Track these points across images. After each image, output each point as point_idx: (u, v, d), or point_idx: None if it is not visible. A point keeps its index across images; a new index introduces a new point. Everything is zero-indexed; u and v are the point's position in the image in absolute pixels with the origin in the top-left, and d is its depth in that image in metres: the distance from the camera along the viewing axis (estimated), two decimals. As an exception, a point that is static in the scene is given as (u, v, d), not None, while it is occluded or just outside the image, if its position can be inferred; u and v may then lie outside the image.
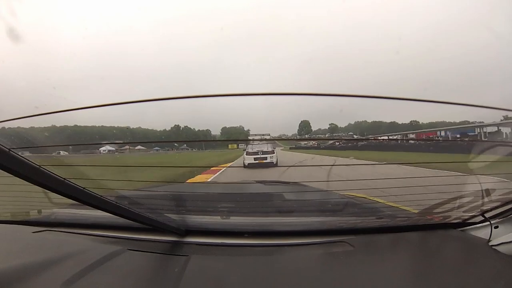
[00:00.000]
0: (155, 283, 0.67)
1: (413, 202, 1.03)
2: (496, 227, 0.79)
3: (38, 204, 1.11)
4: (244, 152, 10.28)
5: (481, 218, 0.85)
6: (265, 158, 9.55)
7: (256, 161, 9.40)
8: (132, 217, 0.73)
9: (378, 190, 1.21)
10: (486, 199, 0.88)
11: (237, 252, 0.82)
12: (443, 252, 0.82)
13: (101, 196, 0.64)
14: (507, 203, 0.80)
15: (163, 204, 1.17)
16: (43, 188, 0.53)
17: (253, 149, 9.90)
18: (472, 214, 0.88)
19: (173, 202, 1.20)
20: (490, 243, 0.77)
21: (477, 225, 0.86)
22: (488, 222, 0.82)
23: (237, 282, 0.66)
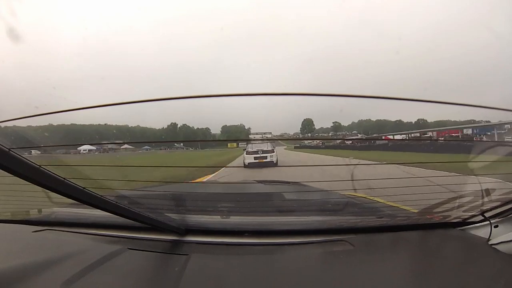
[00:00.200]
0: (155, 282, 0.67)
1: (413, 201, 1.03)
2: (496, 226, 0.79)
3: (38, 203, 1.11)
4: (244, 152, 10.29)
5: (481, 217, 0.85)
6: (265, 157, 9.57)
7: (256, 160, 9.42)
8: (132, 217, 0.73)
9: (378, 190, 1.21)
10: (486, 199, 0.88)
11: (237, 251, 0.82)
12: (443, 251, 0.82)
13: (101, 195, 0.64)
14: (507, 202, 0.80)
15: (163, 204, 1.17)
16: (43, 187, 0.53)
17: (253, 148, 9.91)
18: (472, 213, 0.88)
19: (173, 202, 1.20)
20: (490, 242, 0.77)
21: (476, 224, 0.86)
22: (487, 222, 0.82)
23: (237, 281, 0.66)
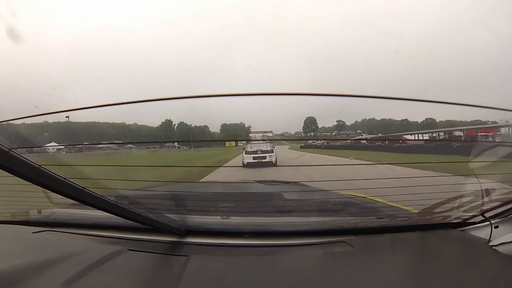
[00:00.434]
0: (155, 283, 0.67)
1: (413, 202, 1.02)
2: (496, 227, 0.79)
3: (38, 204, 1.10)
4: (243, 151, 10.29)
5: (481, 218, 0.85)
6: (264, 157, 9.56)
7: (255, 160, 9.41)
8: (132, 217, 0.73)
9: (378, 190, 1.21)
10: (486, 199, 0.87)
11: (237, 252, 0.82)
12: (443, 252, 0.82)
13: (101, 196, 0.64)
14: (507, 203, 0.80)
15: (163, 204, 1.17)
16: (43, 188, 0.53)
17: (252, 148, 9.91)
18: (472, 214, 0.88)
19: (173, 202, 1.20)
20: (490, 243, 0.77)
21: (477, 225, 0.86)
22: (488, 222, 0.82)
23: (237, 282, 0.66)
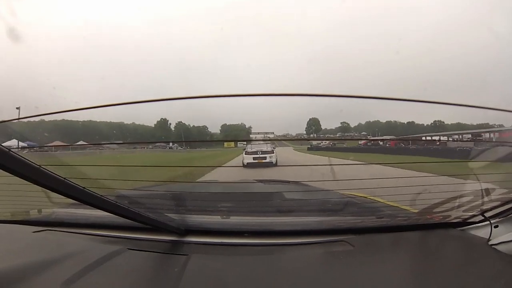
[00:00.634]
0: (155, 283, 0.67)
1: (413, 201, 1.03)
2: (496, 226, 0.79)
3: (38, 203, 1.11)
4: (244, 152, 10.30)
5: (481, 217, 0.85)
6: (265, 158, 9.57)
7: (256, 161, 9.42)
8: (132, 217, 0.73)
9: (378, 190, 1.21)
10: (486, 199, 0.88)
11: (237, 251, 0.82)
12: (443, 251, 0.82)
13: (101, 195, 0.64)
14: (507, 202, 0.80)
15: (163, 204, 1.17)
16: (43, 187, 0.53)
17: (252, 149, 9.91)
18: (472, 213, 0.88)
19: (173, 202, 1.20)
20: (490, 243, 0.77)
21: (477, 224, 0.86)
22: (488, 222, 0.82)
23: (237, 281, 0.66)
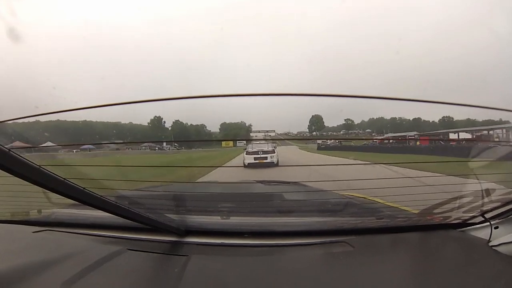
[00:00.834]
0: (155, 283, 0.67)
1: (413, 202, 1.02)
2: (496, 227, 0.79)
3: (38, 204, 1.11)
4: (244, 152, 10.26)
5: (481, 218, 0.85)
6: (266, 158, 9.52)
7: (256, 161, 9.39)
8: (132, 217, 0.73)
9: (378, 190, 1.21)
10: (486, 199, 0.87)
11: (237, 252, 0.82)
12: (443, 252, 0.82)
13: (101, 196, 0.64)
14: (507, 203, 0.80)
15: (163, 204, 1.17)
16: (43, 188, 0.53)
17: (253, 149, 9.86)
18: (472, 214, 0.88)
19: (173, 202, 1.20)
20: (490, 244, 0.77)
21: (477, 225, 0.86)
22: (488, 223, 0.82)
23: (236, 282, 0.66)
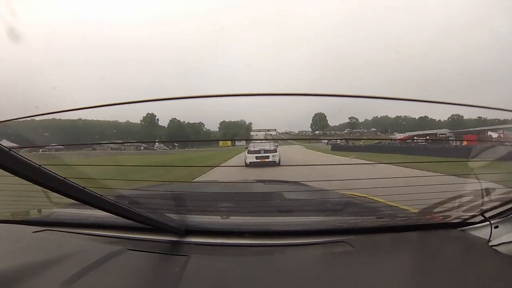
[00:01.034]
0: (155, 283, 0.67)
1: (413, 201, 1.02)
2: (496, 227, 0.79)
3: (38, 203, 1.11)
4: (246, 150, 10.24)
5: (481, 218, 0.85)
6: (267, 157, 9.50)
7: (258, 160, 9.37)
8: (132, 217, 0.73)
9: (378, 190, 1.21)
10: (486, 199, 0.87)
11: (237, 252, 0.82)
12: (443, 252, 0.82)
13: (101, 195, 0.64)
14: (507, 202, 0.80)
15: (163, 204, 1.17)
16: (43, 187, 0.53)
17: (255, 148, 9.83)
18: (472, 214, 0.88)
19: (173, 202, 1.20)
20: (490, 243, 0.77)
21: (477, 225, 0.86)
22: (488, 222, 0.82)
23: (237, 282, 0.66)
